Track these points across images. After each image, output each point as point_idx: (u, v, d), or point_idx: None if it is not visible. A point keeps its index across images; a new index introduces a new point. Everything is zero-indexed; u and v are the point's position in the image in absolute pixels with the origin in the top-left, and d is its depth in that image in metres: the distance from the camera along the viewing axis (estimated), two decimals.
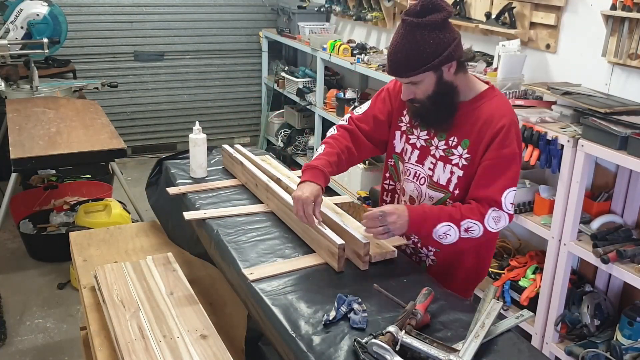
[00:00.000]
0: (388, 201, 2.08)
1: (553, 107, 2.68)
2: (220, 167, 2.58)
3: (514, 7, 3.04)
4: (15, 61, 4.41)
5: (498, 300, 1.54)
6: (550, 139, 2.49)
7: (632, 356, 2.35)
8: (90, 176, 4.66)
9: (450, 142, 1.82)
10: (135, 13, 5.45)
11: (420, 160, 1.89)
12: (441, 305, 1.61)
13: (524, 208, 2.75)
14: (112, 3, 5.34)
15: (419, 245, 1.95)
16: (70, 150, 3.26)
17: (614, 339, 2.45)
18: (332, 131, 2.02)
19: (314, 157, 1.92)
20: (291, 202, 1.87)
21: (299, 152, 5.24)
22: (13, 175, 3.30)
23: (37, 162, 3.20)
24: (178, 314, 1.88)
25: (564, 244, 2.52)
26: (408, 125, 1.91)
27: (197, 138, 2.41)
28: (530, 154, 2.57)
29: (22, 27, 4.30)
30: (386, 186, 2.08)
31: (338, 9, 4.77)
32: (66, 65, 5.05)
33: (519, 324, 1.61)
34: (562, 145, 2.46)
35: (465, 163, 1.80)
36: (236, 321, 2.05)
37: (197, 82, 5.85)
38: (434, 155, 1.86)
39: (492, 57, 3.13)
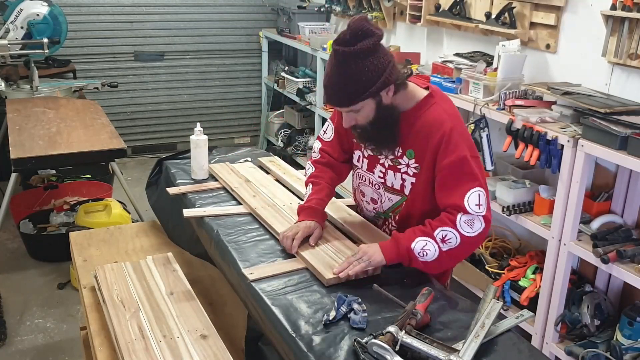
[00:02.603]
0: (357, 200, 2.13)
1: (553, 107, 2.68)
2: None
3: (514, 7, 3.04)
4: (15, 61, 4.41)
5: (498, 300, 1.54)
6: (550, 139, 2.49)
7: (632, 356, 2.34)
8: (90, 176, 4.66)
9: (396, 153, 1.85)
10: (135, 13, 5.45)
11: (370, 169, 1.95)
12: (441, 305, 1.61)
13: (524, 208, 2.75)
14: (112, 3, 5.34)
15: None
16: (70, 150, 3.26)
17: (614, 339, 2.45)
18: (309, 168, 2.08)
19: (305, 199, 2.00)
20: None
21: (299, 152, 5.24)
22: (13, 175, 3.29)
23: (37, 162, 3.20)
24: (178, 314, 1.88)
25: (564, 244, 2.52)
26: None
27: (199, 140, 2.41)
28: (530, 154, 2.58)
29: (22, 27, 4.30)
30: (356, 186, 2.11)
31: (338, 9, 4.77)
32: (66, 65, 5.05)
33: (519, 324, 1.61)
34: (562, 145, 2.46)
35: (415, 171, 1.84)
36: (236, 321, 2.05)
37: (197, 82, 5.84)
38: (382, 164, 1.91)
39: (492, 57, 3.13)
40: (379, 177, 1.94)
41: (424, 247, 1.72)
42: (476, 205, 1.73)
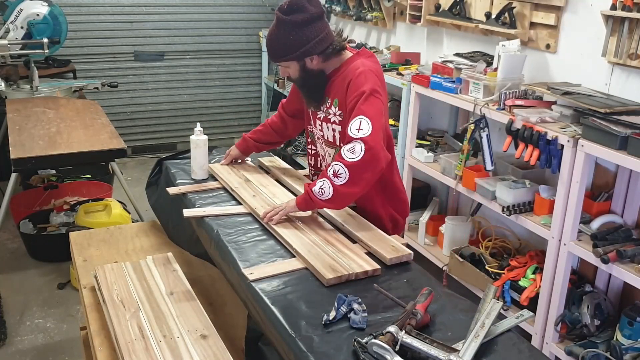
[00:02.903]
0: (312, 164, 2.42)
1: (553, 107, 2.68)
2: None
3: (514, 7, 3.04)
4: (15, 61, 4.41)
5: (498, 300, 1.54)
6: (550, 139, 2.49)
7: (632, 356, 2.34)
8: (90, 176, 4.66)
9: (327, 104, 2.14)
10: (135, 13, 5.45)
11: (314, 123, 2.24)
12: (441, 305, 1.61)
13: (524, 208, 2.75)
14: (112, 3, 5.34)
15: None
16: (70, 150, 3.26)
17: (614, 339, 2.45)
18: (271, 116, 2.56)
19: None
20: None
21: (299, 152, 5.24)
22: (13, 175, 3.29)
23: (37, 162, 3.20)
24: (178, 314, 1.88)
25: (564, 244, 2.52)
26: None
27: (199, 139, 2.41)
28: (530, 154, 2.58)
29: (22, 27, 4.30)
30: (310, 151, 2.40)
31: (338, 9, 4.77)
32: (66, 65, 5.05)
33: (519, 324, 1.61)
34: (562, 145, 2.46)
35: (340, 119, 2.10)
36: (236, 321, 2.05)
37: (197, 82, 5.85)
38: (319, 118, 2.19)
39: (492, 57, 3.13)
40: (319, 130, 2.21)
41: (321, 187, 1.91)
42: (356, 129, 1.89)
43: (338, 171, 1.88)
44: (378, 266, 1.77)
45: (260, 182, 2.38)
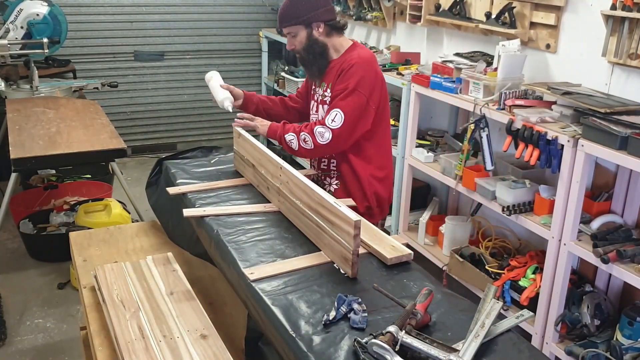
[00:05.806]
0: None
1: (553, 107, 2.68)
2: (221, 167, 2.58)
3: (514, 7, 3.04)
4: (15, 61, 4.41)
5: (498, 300, 1.54)
6: (550, 139, 2.49)
7: (632, 356, 2.34)
8: (90, 176, 4.66)
9: (323, 88, 2.45)
10: (135, 13, 5.46)
11: (316, 110, 2.51)
12: (441, 305, 1.61)
13: (524, 208, 2.75)
14: (112, 3, 5.34)
15: (322, 177, 2.55)
16: (70, 150, 3.26)
17: (614, 339, 2.45)
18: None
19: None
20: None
21: None
22: (13, 175, 3.30)
23: (37, 162, 3.20)
24: (178, 314, 1.88)
25: (564, 244, 2.52)
26: (313, 86, 2.55)
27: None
28: (530, 154, 2.58)
29: (22, 27, 4.30)
30: None
31: (338, 9, 4.77)
32: (66, 65, 5.05)
33: (519, 324, 1.61)
34: (562, 145, 2.46)
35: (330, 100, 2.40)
36: (236, 321, 2.05)
37: (197, 82, 5.84)
38: (316, 100, 2.50)
39: (492, 57, 3.13)
40: (315, 112, 2.51)
41: (291, 140, 2.40)
42: (331, 120, 2.31)
43: (306, 141, 2.35)
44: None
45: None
